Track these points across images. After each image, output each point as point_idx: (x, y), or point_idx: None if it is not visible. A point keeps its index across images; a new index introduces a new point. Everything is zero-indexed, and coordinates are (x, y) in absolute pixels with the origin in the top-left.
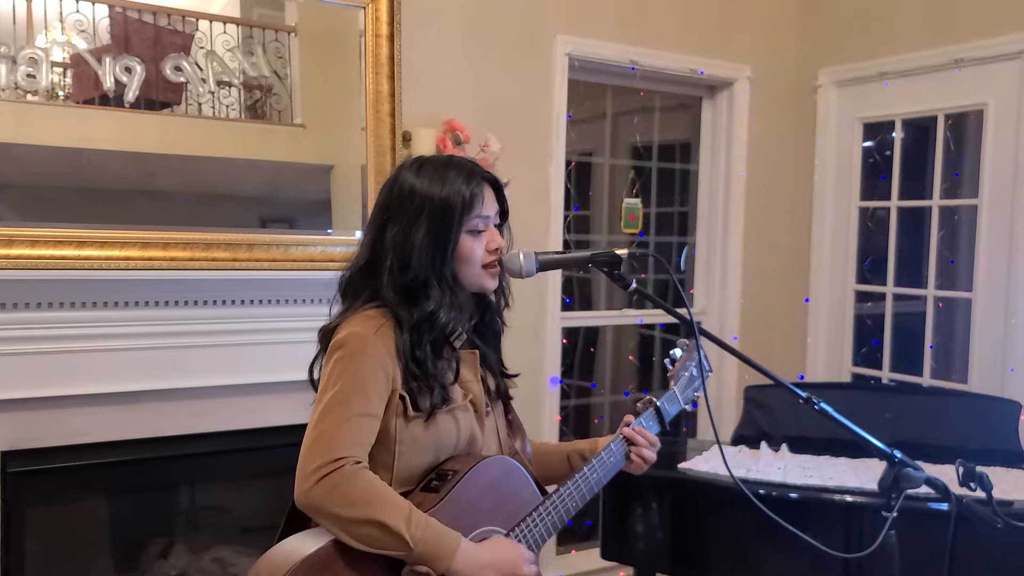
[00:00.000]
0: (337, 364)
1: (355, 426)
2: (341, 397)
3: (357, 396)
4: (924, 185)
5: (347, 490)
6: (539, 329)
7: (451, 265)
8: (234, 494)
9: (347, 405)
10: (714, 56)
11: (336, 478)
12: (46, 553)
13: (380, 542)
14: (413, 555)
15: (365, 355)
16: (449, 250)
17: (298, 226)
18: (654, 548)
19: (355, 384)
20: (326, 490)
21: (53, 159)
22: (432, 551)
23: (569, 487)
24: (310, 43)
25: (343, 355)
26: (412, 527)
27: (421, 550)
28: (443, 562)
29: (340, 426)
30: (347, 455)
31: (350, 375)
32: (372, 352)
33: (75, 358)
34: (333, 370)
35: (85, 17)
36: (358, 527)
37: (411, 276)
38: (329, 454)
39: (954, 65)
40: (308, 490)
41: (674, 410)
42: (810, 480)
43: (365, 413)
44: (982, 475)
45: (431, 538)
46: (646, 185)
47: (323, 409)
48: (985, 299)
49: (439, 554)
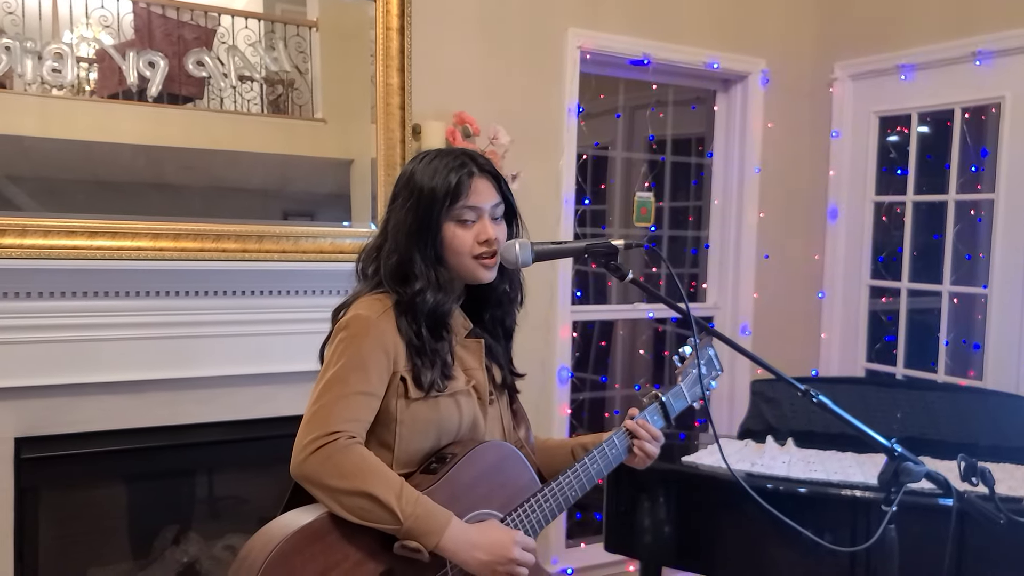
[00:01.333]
0: (339, 344)
1: (352, 403)
2: (341, 375)
3: (356, 374)
4: (940, 179)
5: (339, 462)
6: (550, 322)
7: (433, 248)
8: (246, 483)
9: (345, 383)
10: (728, 49)
11: (329, 450)
12: (60, 538)
13: (370, 514)
14: (403, 529)
15: (367, 336)
16: (430, 236)
17: (318, 219)
18: (659, 541)
19: (355, 363)
20: (319, 461)
21: (65, 151)
22: (422, 526)
23: (568, 476)
24: (331, 38)
25: (346, 336)
26: (403, 501)
27: (411, 525)
28: (432, 538)
29: (337, 402)
30: (342, 429)
31: (351, 355)
32: (374, 333)
33: (88, 347)
34: (335, 350)
35: (110, 13)
36: (349, 498)
37: (398, 258)
38: (325, 427)
39: (971, 58)
40: (302, 461)
41: (680, 407)
42: (815, 474)
43: (363, 391)
44: (984, 470)
45: (421, 514)
46: (660, 179)
47: (323, 386)
48: (1001, 295)
49: (429, 530)
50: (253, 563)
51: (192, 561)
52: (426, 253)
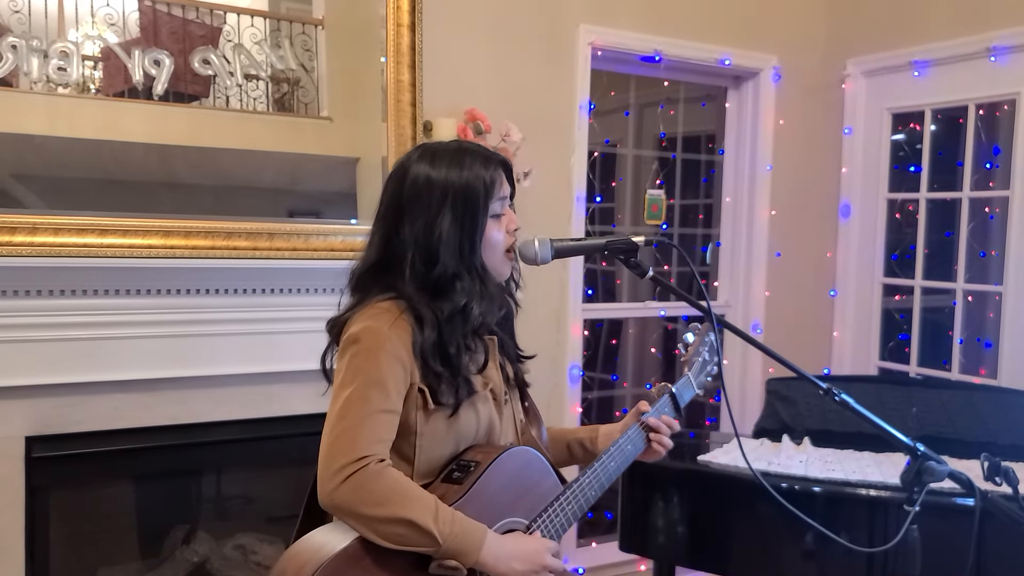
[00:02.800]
0: (354, 359)
1: (376, 423)
2: (360, 393)
3: (377, 392)
4: (953, 176)
5: (373, 489)
6: (561, 319)
7: (479, 254)
8: (257, 482)
9: (367, 402)
10: (739, 46)
11: (361, 477)
12: (70, 538)
13: (409, 539)
14: (441, 550)
15: (383, 350)
16: (477, 237)
17: (325, 218)
18: (673, 541)
19: (374, 380)
20: (352, 489)
21: (75, 149)
22: (460, 545)
23: (588, 476)
24: (337, 36)
25: (359, 350)
26: (440, 523)
27: (449, 545)
28: (471, 556)
29: (361, 424)
30: (371, 453)
31: (368, 371)
32: (389, 347)
33: (98, 345)
34: (350, 365)
35: (115, 11)
36: (387, 526)
37: (439, 270)
38: (352, 453)
39: (986, 54)
40: (333, 490)
41: (688, 395)
42: (832, 474)
43: (385, 409)
44: (1008, 470)
45: (459, 532)
46: (670, 176)
47: (342, 406)
48: (1016, 293)
49: (467, 548)
50: None
51: (202, 561)
52: (472, 259)
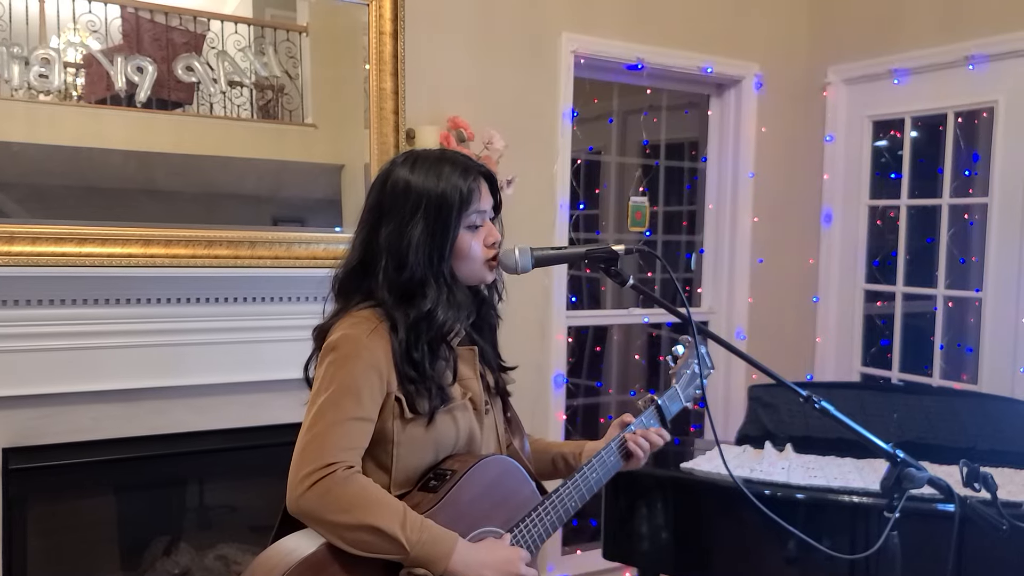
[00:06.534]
0: (330, 367)
1: (347, 430)
2: (333, 401)
3: (349, 400)
4: (933, 183)
5: (339, 495)
6: (544, 327)
7: (448, 262)
8: (239, 492)
9: (339, 409)
10: (722, 54)
11: (328, 483)
12: (48, 550)
13: (375, 547)
14: (409, 558)
15: (358, 358)
16: (447, 247)
17: (309, 225)
18: (657, 548)
19: (347, 387)
20: (318, 495)
21: (54, 157)
22: (429, 553)
23: (568, 487)
24: (321, 43)
25: (336, 358)
26: (408, 530)
27: (417, 552)
28: (440, 564)
29: (331, 430)
30: (339, 460)
31: (342, 378)
32: (365, 355)
33: (77, 355)
34: (326, 373)
35: (97, 17)
36: (352, 532)
37: (407, 275)
38: (320, 459)
39: (964, 62)
40: (299, 496)
41: (676, 408)
42: (814, 480)
43: (357, 417)
44: (986, 475)
45: (427, 540)
46: (654, 184)
47: (315, 413)
48: (995, 299)
49: (436, 556)
50: None
51: (184, 572)
52: (440, 267)
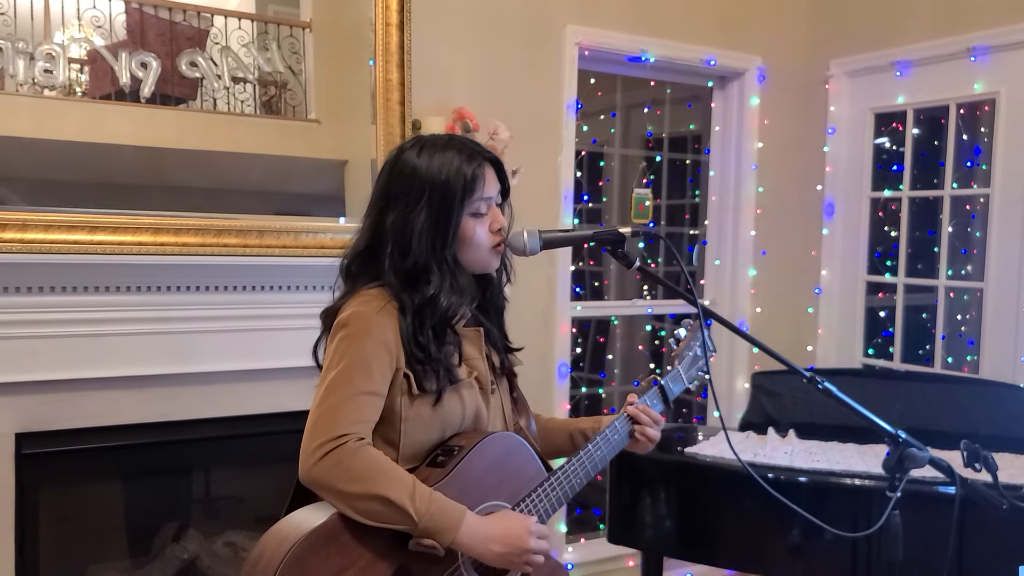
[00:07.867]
0: (341, 343)
1: (358, 404)
2: (345, 375)
3: (360, 374)
4: (935, 175)
5: (350, 465)
6: (548, 317)
7: (452, 249)
8: (247, 479)
9: (350, 383)
10: (725, 46)
11: (339, 454)
12: (60, 535)
13: (385, 516)
14: (418, 528)
15: (368, 334)
16: (450, 234)
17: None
18: (661, 532)
19: (359, 363)
20: (330, 466)
21: (63, 153)
22: (437, 524)
23: (574, 463)
24: (324, 38)
25: (346, 334)
26: (416, 501)
27: (426, 524)
28: (448, 535)
29: (343, 404)
30: (350, 432)
31: (353, 354)
32: (375, 331)
33: (88, 342)
34: (337, 349)
35: (102, 13)
36: (362, 502)
37: (411, 261)
38: (332, 431)
39: (966, 54)
40: (312, 466)
41: (678, 389)
42: (817, 464)
43: (368, 391)
44: (987, 456)
45: (435, 511)
46: (657, 176)
47: (327, 387)
48: (997, 289)
49: (444, 527)
50: (268, 565)
51: (192, 558)
52: (443, 254)
